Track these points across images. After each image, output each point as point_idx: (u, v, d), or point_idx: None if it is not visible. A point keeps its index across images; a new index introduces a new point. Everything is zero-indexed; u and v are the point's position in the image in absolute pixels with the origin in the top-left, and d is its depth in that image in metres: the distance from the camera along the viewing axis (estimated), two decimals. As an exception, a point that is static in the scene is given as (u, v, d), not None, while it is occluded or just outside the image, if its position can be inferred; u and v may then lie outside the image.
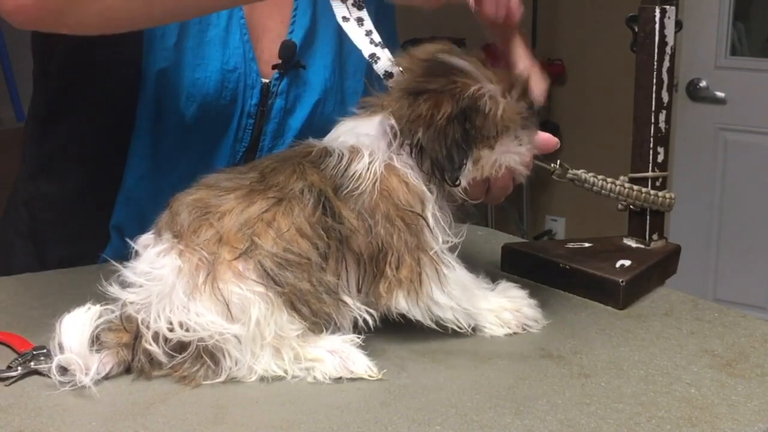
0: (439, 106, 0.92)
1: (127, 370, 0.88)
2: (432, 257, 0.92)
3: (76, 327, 0.84)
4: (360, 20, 1.05)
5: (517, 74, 0.98)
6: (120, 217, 1.27)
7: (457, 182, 0.93)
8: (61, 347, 0.84)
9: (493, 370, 0.91)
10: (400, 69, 0.98)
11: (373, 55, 1.02)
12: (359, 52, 1.37)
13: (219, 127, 1.24)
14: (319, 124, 1.29)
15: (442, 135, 0.91)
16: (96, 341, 0.86)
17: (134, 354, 0.86)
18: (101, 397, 0.83)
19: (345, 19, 1.05)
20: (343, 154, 0.92)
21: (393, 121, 0.94)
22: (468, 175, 0.94)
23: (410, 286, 0.92)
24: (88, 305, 0.87)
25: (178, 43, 1.19)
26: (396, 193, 0.91)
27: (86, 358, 0.84)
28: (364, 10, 1.06)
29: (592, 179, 1.13)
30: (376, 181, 0.91)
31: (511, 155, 0.96)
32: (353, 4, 1.05)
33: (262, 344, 0.86)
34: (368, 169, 0.91)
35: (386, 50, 1.02)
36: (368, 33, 1.04)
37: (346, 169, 0.91)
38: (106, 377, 0.86)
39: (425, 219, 0.92)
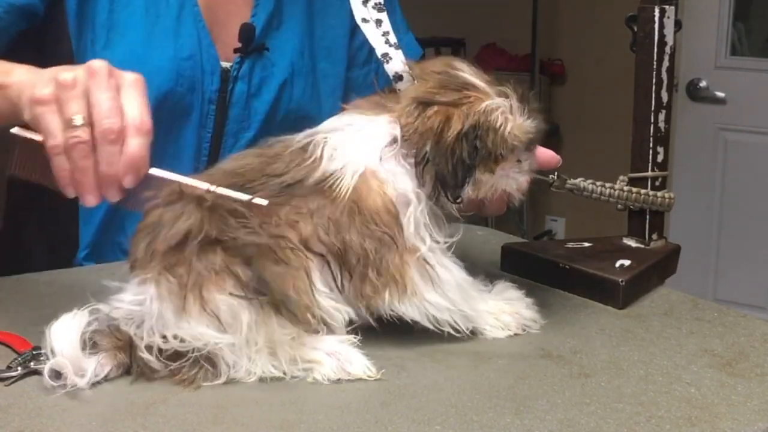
0: (449, 121, 0.91)
1: (127, 372, 0.88)
2: (418, 259, 0.91)
3: (65, 331, 0.84)
4: (379, 22, 1.05)
5: (525, 88, 0.97)
6: (89, 234, 1.28)
7: (459, 199, 0.93)
8: (53, 352, 0.83)
9: (493, 370, 0.91)
10: (411, 74, 0.98)
11: (385, 55, 1.02)
12: (334, 33, 1.37)
13: (180, 115, 1.23)
14: (288, 107, 1.29)
15: (450, 151, 0.91)
16: (91, 344, 0.85)
17: (131, 358, 0.86)
18: (101, 398, 0.83)
19: (364, 20, 1.05)
20: (324, 152, 0.91)
21: (395, 128, 0.93)
22: (465, 194, 0.94)
23: (394, 288, 0.90)
24: (74, 311, 0.86)
25: (112, 42, 1.19)
26: (367, 204, 0.90)
27: (80, 360, 0.84)
28: (385, 12, 1.06)
29: (591, 187, 1.13)
30: (357, 183, 0.89)
31: (509, 180, 0.96)
32: (374, 7, 1.05)
33: (256, 349, 0.86)
34: (351, 170, 0.90)
35: (400, 52, 1.02)
36: (385, 34, 1.04)
37: (327, 168, 0.89)
38: (105, 379, 0.86)
39: (401, 226, 0.90)
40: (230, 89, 1.25)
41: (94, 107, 0.84)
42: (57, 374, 0.83)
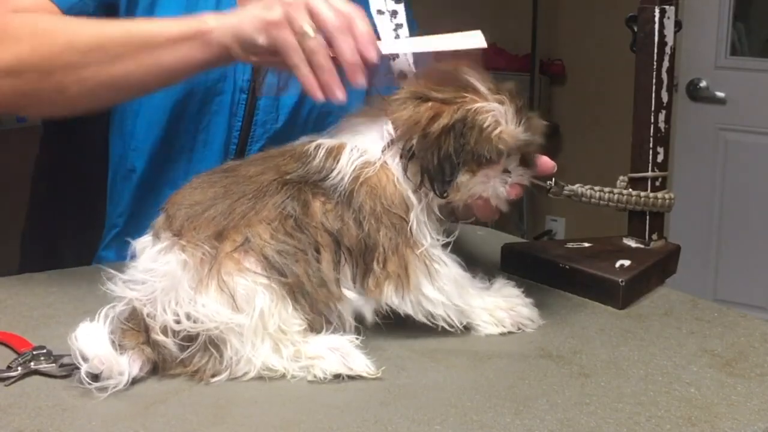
0: (438, 116, 0.92)
1: (155, 366, 0.88)
2: (420, 255, 0.93)
3: (92, 334, 0.84)
4: (394, 13, 1.04)
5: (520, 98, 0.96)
6: (116, 214, 1.30)
7: (445, 194, 0.93)
8: (84, 357, 0.83)
9: (492, 370, 0.91)
10: (415, 74, 0.98)
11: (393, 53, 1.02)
12: None
13: (211, 103, 1.26)
14: (314, 102, 1.31)
15: (435, 146, 0.91)
16: (117, 345, 0.85)
17: (153, 349, 0.87)
18: (101, 397, 0.83)
19: (379, 12, 1.04)
20: (333, 150, 0.93)
21: (391, 128, 0.94)
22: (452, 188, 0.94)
23: (398, 281, 0.92)
24: (88, 319, 0.86)
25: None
26: (385, 193, 0.92)
27: (116, 359, 0.84)
28: (402, 3, 1.04)
29: (588, 192, 1.13)
30: (367, 178, 0.92)
31: (487, 187, 0.96)
32: None
33: (263, 336, 0.87)
34: (358, 166, 0.92)
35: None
36: (397, 27, 1.03)
37: (336, 165, 0.92)
38: (140, 372, 0.86)
39: (408, 221, 0.92)
40: (260, 80, 1.27)
41: (317, 15, 0.94)
42: (94, 377, 0.83)
